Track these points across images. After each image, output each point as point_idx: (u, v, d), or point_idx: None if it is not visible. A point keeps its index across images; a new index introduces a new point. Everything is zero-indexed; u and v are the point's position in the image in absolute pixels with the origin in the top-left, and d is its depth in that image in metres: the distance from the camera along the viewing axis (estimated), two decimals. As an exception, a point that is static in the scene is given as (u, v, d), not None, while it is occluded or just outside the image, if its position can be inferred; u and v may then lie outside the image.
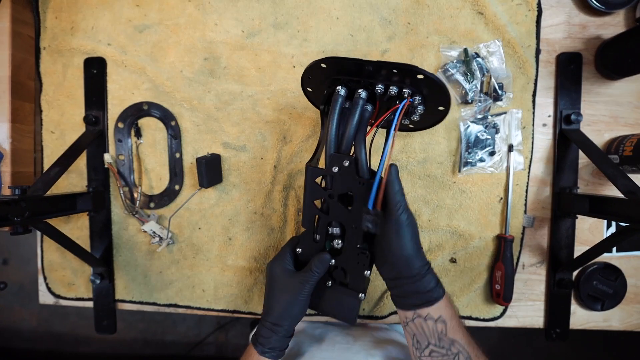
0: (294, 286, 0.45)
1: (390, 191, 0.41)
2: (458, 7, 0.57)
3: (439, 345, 0.42)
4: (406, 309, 0.43)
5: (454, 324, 0.42)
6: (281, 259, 0.48)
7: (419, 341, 0.43)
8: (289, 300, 0.46)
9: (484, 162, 0.58)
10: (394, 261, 0.42)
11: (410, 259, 0.41)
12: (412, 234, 0.41)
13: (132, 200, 0.62)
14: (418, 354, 0.43)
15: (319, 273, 0.45)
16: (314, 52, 0.59)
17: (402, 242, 0.41)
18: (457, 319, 0.42)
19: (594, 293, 0.59)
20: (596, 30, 0.58)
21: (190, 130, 0.61)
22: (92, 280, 0.62)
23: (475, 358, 0.41)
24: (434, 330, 0.42)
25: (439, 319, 0.42)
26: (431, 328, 0.42)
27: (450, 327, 0.42)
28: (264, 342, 0.46)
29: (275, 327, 0.46)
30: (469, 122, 0.58)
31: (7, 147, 0.59)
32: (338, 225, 0.44)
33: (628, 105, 0.58)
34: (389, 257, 0.42)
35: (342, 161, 0.41)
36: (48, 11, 0.62)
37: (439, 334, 0.42)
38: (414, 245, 0.41)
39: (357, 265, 0.45)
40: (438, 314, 0.42)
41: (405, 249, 0.41)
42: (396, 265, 0.42)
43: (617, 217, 0.49)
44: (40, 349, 1.66)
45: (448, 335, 0.41)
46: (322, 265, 0.45)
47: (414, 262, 0.41)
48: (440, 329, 0.42)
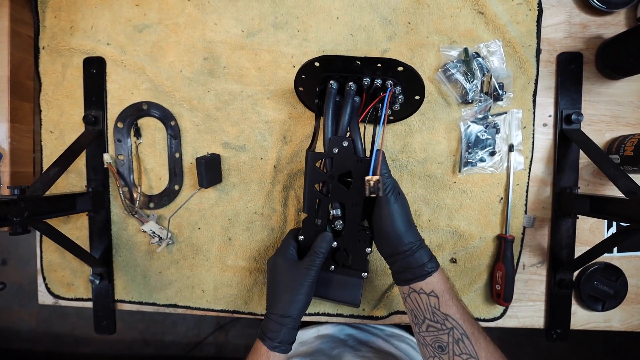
0: (300, 272, 0.47)
1: None
2: (458, 6, 0.57)
3: (434, 319, 0.43)
4: (402, 284, 0.46)
5: (447, 299, 0.43)
6: (283, 251, 0.50)
7: (416, 316, 0.45)
8: (296, 288, 0.47)
9: (484, 162, 0.58)
10: (386, 238, 0.45)
11: (400, 235, 0.44)
12: (400, 212, 0.45)
13: (132, 200, 0.62)
14: (417, 329, 0.45)
15: (323, 253, 0.47)
16: (313, 51, 0.59)
17: (392, 220, 0.44)
18: (450, 294, 0.44)
19: (594, 293, 0.59)
20: (597, 30, 0.58)
21: (189, 130, 0.61)
22: (91, 280, 0.62)
23: (471, 335, 0.42)
24: (427, 304, 0.44)
25: (431, 293, 0.44)
26: (425, 302, 0.44)
27: (442, 302, 0.43)
28: (273, 337, 0.46)
29: (284, 319, 0.46)
30: (470, 122, 0.57)
31: (6, 147, 0.59)
32: (339, 206, 0.48)
33: (629, 105, 0.58)
34: (382, 234, 0.45)
35: (341, 142, 0.47)
36: (47, 10, 0.62)
37: (432, 308, 0.43)
38: (404, 223, 0.44)
39: (358, 244, 0.49)
40: (430, 289, 0.44)
41: (395, 225, 0.44)
42: (389, 242, 0.45)
43: (617, 217, 0.48)
44: (39, 349, 1.66)
45: (441, 309, 0.43)
46: (325, 244, 0.47)
47: (404, 238, 0.44)
48: (433, 303, 0.43)
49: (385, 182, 0.45)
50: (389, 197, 0.45)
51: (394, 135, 0.59)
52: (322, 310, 0.63)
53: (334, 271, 0.51)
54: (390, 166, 0.59)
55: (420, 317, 0.45)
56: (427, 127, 0.58)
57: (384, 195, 0.44)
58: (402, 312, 0.62)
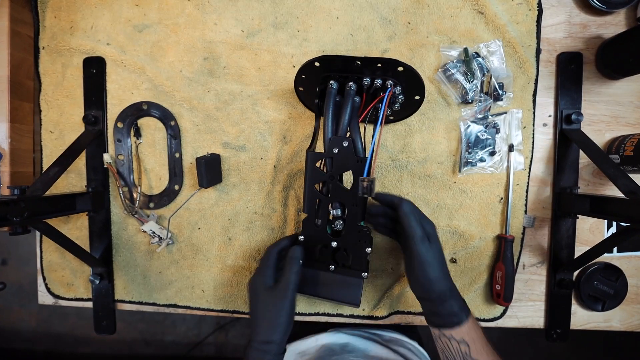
0: (277, 297, 0.46)
1: (406, 224, 0.46)
2: (458, 6, 0.57)
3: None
4: (432, 326, 0.48)
5: (479, 347, 0.44)
6: (261, 274, 0.49)
7: (447, 357, 0.47)
8: (275, 313, 0.46)
9: (484, 162, 0.58)
10: (416, 285, 0.47)
11: (430, 284, 0.45)
12: (432, 261, 0.45)
13: (132, 200, 0.62)
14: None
15: (296, 272, 0.47)
16: (313, 51, 0.59)
17: (422, 268, 0.45)
18: (482, 342, 0.45)
19: (594, 293, 0.59)
20: (597, 30, 0.58)
21: (189, 130, 0.61)
22: (91, 280, 0.62)
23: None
24: (458, 351, 0.45)
25: (462, 341, 0.45)
26: (455, 348, 0.45)
27: (474, 350, 0.44)
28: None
29: (267, 346, 0.45)
30: (469, 122, 0.57)
31: (6, 147, 0.59)
32: (339, 206, 0.48)
33: (629, 105, 0.58)
34: (412, 278, 0.47)
35: (342, 142, 0.47)
36: (47, 10, 0.62)
37: (463, 354, 0.45)
38: (434, 271, 0.45)
39: (358, 243, 0.49)
40: (460, 337, 0.45)
41: (426, 274, 0.45)
42: (418, 288, 0.47)
43: (617, 217, 0.48)
44: (39, 349, 1.66)
45: (472, 356, 0.44)
46: (295, 266, 0.47)
47: (434, 286, 0.45)
48: (464, 351, 0.45)
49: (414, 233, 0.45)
50: (417, 249, 0.45)
51: (394, 135, 0.59)
52: (322, 310, 0.63)
53: (334, 271, 0.51)
54: (390, 166, 0.59)
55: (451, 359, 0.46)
56: (427, 127, 0.58)
57: (412, 246, 0.45)
58: (402, 312, 0.62)
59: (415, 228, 0.45)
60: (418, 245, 0.45)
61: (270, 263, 0.49)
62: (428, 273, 0.45)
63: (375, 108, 0.50)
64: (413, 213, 0.46)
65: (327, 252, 0.50)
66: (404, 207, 0.46)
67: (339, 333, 0.65)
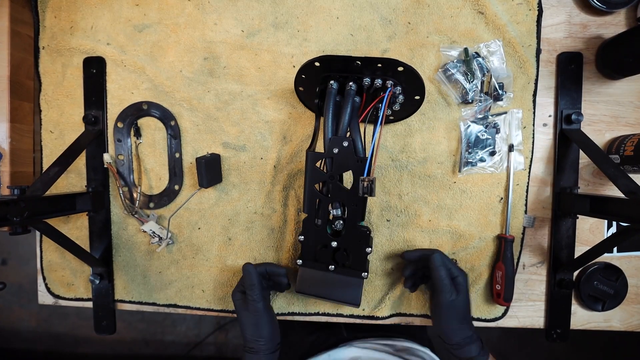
0: (250, 316, 0.53)
1: (435, 276, 0.50)
2: (458, 6, 0.57)
3: None
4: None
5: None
6: (236, 292, 0.56)
7: None
8: (253, 325, 0.53)
9: (484, 162, 0.58)
10: (439, 329, 0.51)
11: (451, 333, 0.50)
12: (455, 312, 0.50)
13: (132, 200, 0.62)
14: None
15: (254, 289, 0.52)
16: (313, 51, 0.59)
17: (445, 319, 0.50)
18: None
19: (594, 293, 0.59)
20: (597, 30, 0.58)
21: (189, 130, 0.61)
22: (91, 280, 0.62)
23: None
24: None
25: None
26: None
27: None
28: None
29: (254, 349, 0.52)
30: (470, 122, 0.57)
31: (6, 147, 0.59)
32: (339, 206, 0.49)
33: (629, 105, 0.58)
34: (435, 324, 0.52)
35: (342, 142, 0.47)
36: (47, 10, 0.62)
37: None
38: (457, 320, 0.50)
39: (358, 244, 0.50)
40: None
41: (447, 324, 0.50)
42: (440, 332, 0.51)
43: (617, 217, 0.48)
44: (39, 349, 1.66)
45: None
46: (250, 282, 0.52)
47: (453, 335, 0.50)
48: None
49: (443, 285, 0.50)
50: (446, 297, 0.49)
51: (394, 135, 0.59)
52: (322, 310, 0.63)
53: (334, 271, 0.51)
54: (390, 166, 0.59)
55: None
56: (427, 127, 0.58)
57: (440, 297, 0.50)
58: (403, 314, 0.62)
59: (444, 279, 0.50)
60: (445, 296, 0.49)
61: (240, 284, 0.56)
62: (450, 323, 0.50)
63: (375, 108, 0.50)
64: (444, 265, 0.51)
65: (327, 252, 0.50)
66: (435, 260, 0.51)
67: (351, 347, 0.65)
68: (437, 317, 0.51)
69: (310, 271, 0.51)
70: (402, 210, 0.60)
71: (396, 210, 0.60)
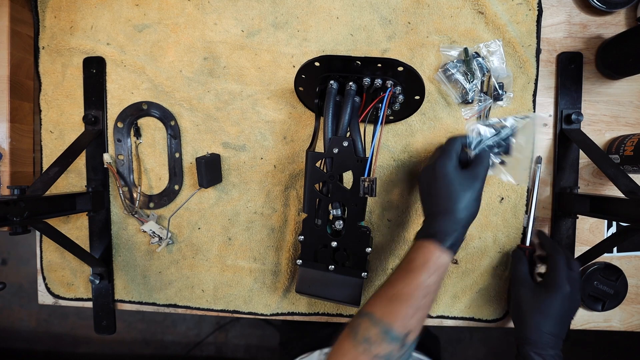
0: (470, 178, 0.46)
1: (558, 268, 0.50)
2: (458, 6, 0.57)
3: None
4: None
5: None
6: (449, 158, 0.47)
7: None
8: (469, 192, 0.46)
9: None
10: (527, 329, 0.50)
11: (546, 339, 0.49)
12: (558, 312, 0.49)
13: (132, 200, 0.62)
14: None
15: (484, 165, 0.47)
16: (313, 51, 0.59)
17: (544, 314, 0.48)
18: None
19: (594, 293, 0.59)
20: (597, 30, 0.58)
21: (189, 130, 0.61)
22: (91, 280, 0.62)
23: None
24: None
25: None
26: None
27: None
28: (445, 236, 0.44)
29: (456, 224, 0.45)
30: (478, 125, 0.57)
31: (6, 147, 0.59)
32: (339, 206, 0.49)
33: (629, 105, 0.58)
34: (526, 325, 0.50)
35: (342, 142, 0.47)
36: (47, 10, 0.62)
37: None
38: (556, 325, 0.49)
39: (358, 244, 0.49)
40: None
41: (545, 322, 0.49)
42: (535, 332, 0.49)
43: (617, 217, 0.48)
44: (39, 349, 1.66)
45: None
46: (486, 155, 0.48)
47: (549, 342, 0.49)
48: None
49: (560, 267, 0.50)
50: (566, 287, 0.49)
51: (395, 135, 0.59)
52: (322, 310, 0.63)
53: (334, 271, 0.51)
54: (391, 166, 0.59)
55: None
56: (428, 127, 0.58)
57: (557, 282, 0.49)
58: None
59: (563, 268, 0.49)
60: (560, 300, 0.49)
61: (456, 150, 0.48)
62: (549, 324, 0.49)
63: (376, 108, 0.50)
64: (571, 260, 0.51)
65: (327, 252, 0.50)
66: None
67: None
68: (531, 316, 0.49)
69: (310, 271, 0.51)
70: (404, 210, 0.60)
71: (397, 210, 0.60)
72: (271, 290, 0.63)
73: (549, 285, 0.50)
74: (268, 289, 0.63)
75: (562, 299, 0.48)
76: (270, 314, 0.64)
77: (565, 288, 0.49)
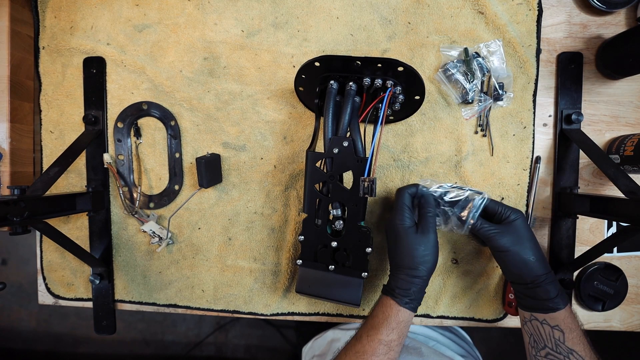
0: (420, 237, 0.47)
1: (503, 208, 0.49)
2: (458, 6, 0.57)
3: (556, 350, 0.45)
4: (523, 309, 0.49)
5: (574, 336, 0.45)
6: (400, 215, 0.48)
7: (536, 341, 0.47)
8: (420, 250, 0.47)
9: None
10: (512, 267, 0.48)
11: (527, 265, 0.47)
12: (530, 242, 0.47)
13: (132, 200, 0.62)
14: (534, 352, 0.47)
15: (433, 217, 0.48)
16: (313, 51, 0.59)
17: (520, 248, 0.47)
18: (578, 332, 0.45)
19: (594, 293, 0.59)
20: (597, 30, 0.58)
21: (189, 130, 0.61)
22: (91, 280, 0.62)
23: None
24: (551, 336, 0.46)
25: (556, 327, 0.46)
26: (547, 333, 0.46)
27: (569, 338, 0.45)
28: (404, 293, 0.47)
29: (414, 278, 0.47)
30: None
31: (6, 147, 0.59)
32: (339, 206, 0.49)
33: (629, 105, 0.58)
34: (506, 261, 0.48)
35: (342, 142, 0.47)
36: (47, 10, 0.62)
37: (556, 340, 0.45)
38: (533, 252, 0.47)
39: (358, 243, 0.49)
40: (555, 323, 0.46)
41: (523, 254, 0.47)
42: (513, 271, 0.48)
43: (618, 217, 0.48)
44: (39, 349, 1.66)
45: (566, 344, 0.45)
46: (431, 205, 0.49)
47: (531, 269, 0.47)
48: (557, 336, 0.45)
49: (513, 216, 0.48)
50: (518, 223, 0.47)
51: (395, 135, 0.59)
52: (322, 310, 0.63)
53: (334, 271, 0.51)
54: (392, 166, 0.59)
55: (540, 344, 0.47)
56: (428, 127, 0.58)
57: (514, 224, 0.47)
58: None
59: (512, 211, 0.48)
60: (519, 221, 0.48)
61: (406, 204, 0.49)
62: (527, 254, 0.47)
63: (376, 108, 0.50)
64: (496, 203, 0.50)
65: (327, 252, 0.50)
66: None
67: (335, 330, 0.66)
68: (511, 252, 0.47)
69: (310, 271, 0.51)
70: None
71: (396, 210, 0.60)
72: (271, 290, 0.63)
73: None
74: (268, 289, 0.63)
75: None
76: (270, 314, 0.64)
77: None
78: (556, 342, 0.45)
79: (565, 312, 0.45)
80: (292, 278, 0.62)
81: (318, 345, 0.72)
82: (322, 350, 0.70)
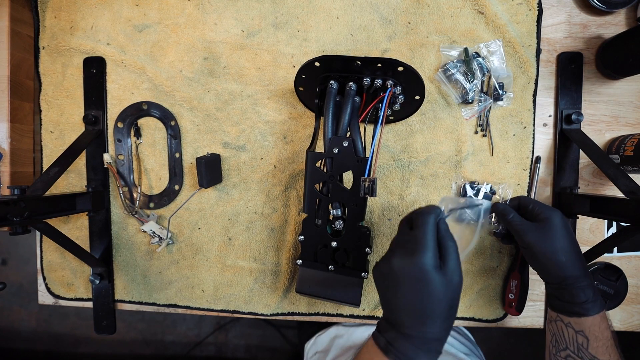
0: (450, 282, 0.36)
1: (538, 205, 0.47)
2: (458, 6, 0.57)
3: (577, 354, 0.44)
4: (550, 308, 0.48)
5: (600, 345, 0.43)
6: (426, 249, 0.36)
7: (557, 341, 0.46)
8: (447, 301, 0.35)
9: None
10: (538, 265, 0.46)
11: (554, 267, 0.44)
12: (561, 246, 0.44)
13: (132, 200, 0.62)
14: (554, 351, 0.46)
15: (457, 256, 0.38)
16: (313, 51, 0.59)
17: (548, 251, 0.44)
18: (606, 342, 0.43)
19: (594, 293, 0.59)
20: (597, 30, 0.58)
21: (189, 130, 0.61)
22: (91, 280, 0.62)
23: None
24: (574, 339, 0.44)
25: (580, 332, 0.43)
26: (571, 335, 0.44)
27: (593, 346, 0.43)
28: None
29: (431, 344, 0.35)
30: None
31: (6, 147, 0.59)
32: (339, 206, 0.49)
33: (629, 105, 0.58)
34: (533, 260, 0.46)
35: (342, 142, 0.47)
36: (47, 10, 0.62)
37: (579, 345, 0.43)
38: (566, 252, 0.44)
39: (358, 243, 0.50)
40: (580, 328, 0.43)
41: (556, 252, 0.44)
42: (540, 269, 0.46)
43: (618, 217, 0.48)
44: (39, 349, 1.66)
45: (590, 351, 0.43)
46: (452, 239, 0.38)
47: (557, 271, 0.44)
48: (580, 341, 0.43)
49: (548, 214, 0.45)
50: (551, 222, 0.44)
51: (395, 135, 0.59)
52: (322, 310, 0.63)
53: (334, 271, 0.51)
54: (392, 166, 0.59)
55: (562, 345, 0.45)
56: (428, 127, 0.58)
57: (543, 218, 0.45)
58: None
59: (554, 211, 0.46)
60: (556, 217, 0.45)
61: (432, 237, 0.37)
62: (559, 253, 0.44)
63: (376, 108, 0.50)
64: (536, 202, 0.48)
65: (327, 252, 0.50)
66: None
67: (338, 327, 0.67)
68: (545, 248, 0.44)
69: (310, 271, 0.51)
70: (404, 209, 0.60)
71: (398, 210, 0.60)
72: (271, 290, 0.63)
73: None
74: (268, 289, 0.63)
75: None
76: (270, 314, 0.64)
77: None
78: (579, 346, 0.43)
79: (594, 319, 0.43)
80: (292, 278, 0.62)
81: (321, 341, 0.72)
82: (324, 346, 0.70)
